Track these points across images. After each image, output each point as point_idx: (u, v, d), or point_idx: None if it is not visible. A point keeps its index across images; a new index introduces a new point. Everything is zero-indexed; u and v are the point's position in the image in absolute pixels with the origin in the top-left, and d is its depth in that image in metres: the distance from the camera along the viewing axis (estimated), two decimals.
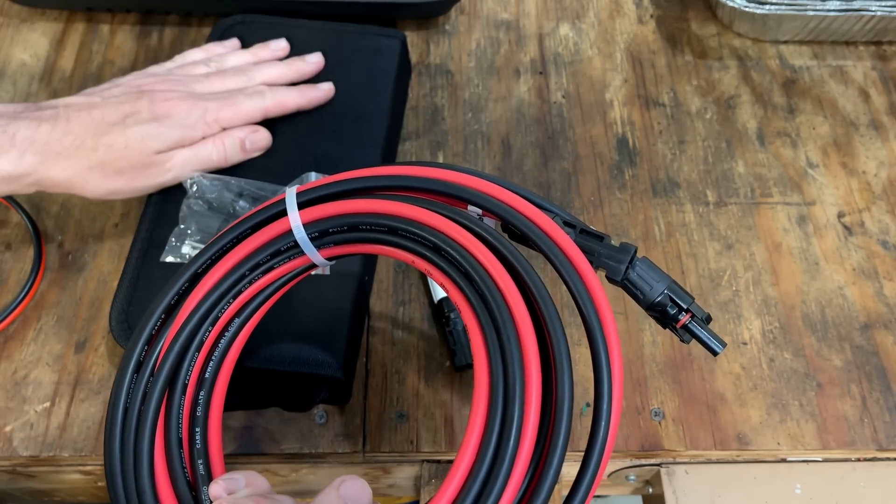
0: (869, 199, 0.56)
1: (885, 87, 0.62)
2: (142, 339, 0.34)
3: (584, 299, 0.31)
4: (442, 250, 0.32)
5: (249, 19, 0.58)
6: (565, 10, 0.66)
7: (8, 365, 0.49)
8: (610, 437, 0.29)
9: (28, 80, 0.61)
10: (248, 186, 0.49)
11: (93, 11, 0.65)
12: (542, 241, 0.32)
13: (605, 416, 0.29)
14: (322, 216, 0.35)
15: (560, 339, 0.30)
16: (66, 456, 0.46)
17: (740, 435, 0.47)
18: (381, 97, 0.54)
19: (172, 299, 0.35)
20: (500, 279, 0.31)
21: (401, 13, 0.63)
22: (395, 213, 0.34)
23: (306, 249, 0.35)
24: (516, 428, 0.28)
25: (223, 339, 0.35)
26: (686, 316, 0.33)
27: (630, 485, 0.52)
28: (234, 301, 0.35)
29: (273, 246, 0.35)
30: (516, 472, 0.28)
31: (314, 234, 0.35)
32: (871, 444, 0.47)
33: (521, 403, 0.28)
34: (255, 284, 0.36)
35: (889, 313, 0.51)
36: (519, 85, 0.62)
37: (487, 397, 0.29)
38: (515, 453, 0.28)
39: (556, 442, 0.28)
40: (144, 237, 0.47)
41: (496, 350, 0.30)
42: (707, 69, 0.63)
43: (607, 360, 0.30)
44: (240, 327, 0.36)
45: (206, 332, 0.34)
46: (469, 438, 0.28)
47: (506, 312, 0.30)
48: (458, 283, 0.32)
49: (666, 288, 0.33)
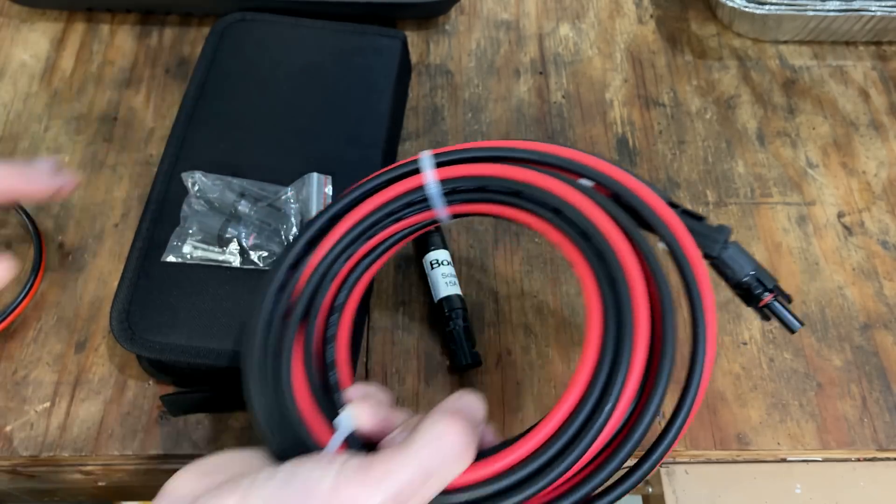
0: (869, 199, 0.56)
1: (885, 87, 0.62)
2: (285, 264, 0.39)
3: (687, 268, 0.34)
4: (561, 212, 0.37)
5: (249, 17, 0.58)
6: (565, 11, 0.66)
7: (8, 365, 0.49)
8: (707, 364, 0.33)
9: (28, 80, 0.61)
10: (249, 186, 0.49)
11: (93, 11, 0.65)
12: (650, 216, 0.36)
13: (702, 341, 0.33)
14: (453, 175, 0.39)
15: (666, 290, 0.34)
16: (66, 456, 0.46)
17: (740, 435, 0.47)
18: (382, 97, 0.54)
19: (314, 234, 0.40)
20: (614, 237, 0.35)
21: (401, 13, 0.63)
22: (519, 178, 0.38)
23: (435, 204, 0.40)
24: (627, 357, 0.32)
25: (353, 273, 0.40)
26: (769, 296, 0.37)
27: None
28: (366, 242, 0.40)
29: (407, 197, 0.40)
30: (629, 387, 0.32)
31: (444, 191, 0.39)
32: (871, 444, 0.47)
33: (630, 340, 0.32)
34: (385, 230, 0.40)
35: (889, 313, 0.52)
36: (519, 85, 0.62)
37: (601, 333, 0.33)
38: (626, 377, 0.32)
39: (660, 375, 0.32)
40: (145, 237, 0.47)
41: (610, 298, 0.34)
42: (707, 69, 0.63)
43: (702, 312, 0.34)
44: (367, 266, 0.40)
45: (340, 265, 0.39)
46: (584, 364, 0.32)
47: (619, 265, 0.34)
48: (575, 241, 0.36)
49: (753, 269, 0.37)
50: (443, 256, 0.50)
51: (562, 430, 0.32)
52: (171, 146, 0.51)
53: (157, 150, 0.57)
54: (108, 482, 0.50)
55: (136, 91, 0.60)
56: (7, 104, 0.60)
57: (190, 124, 0.52)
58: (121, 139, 0.58)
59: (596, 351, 0.33)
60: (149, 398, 0.48)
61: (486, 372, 0.49)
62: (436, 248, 0.51)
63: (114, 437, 0.46)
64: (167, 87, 0.61)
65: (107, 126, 0.59)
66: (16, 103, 0.60)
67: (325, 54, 0.56)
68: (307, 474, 0.29)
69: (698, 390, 0.33)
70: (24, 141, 0.58)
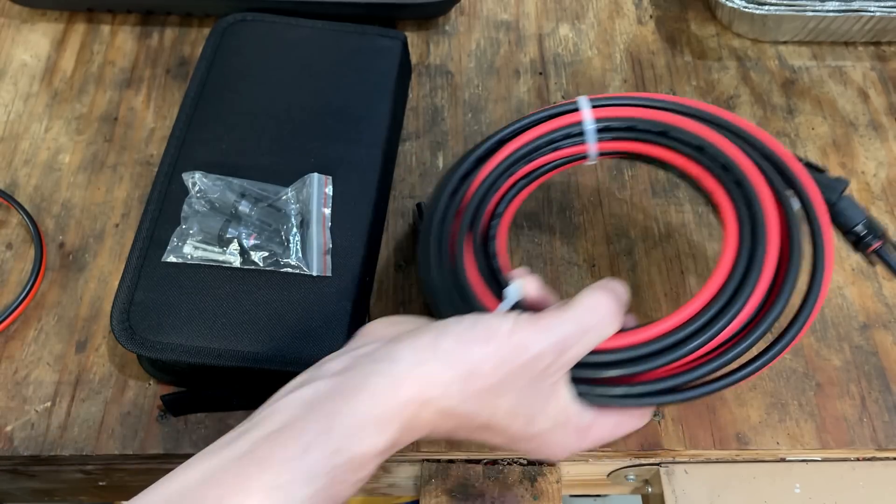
0: (868, 200, 0.56)
1: (884, 87, 0.62)
2: (458, 173, 0.45)
3: (812, 210, 0.40)
4: (704, 149, 0.42)
5: (250, 18, 0.58)
6: (565, 11, 0.67)
7: (9, 365, 0.49)
8: (826, 274, 0.39)
9: (29, 80, 0.61)
10: (250, 186, 0.49)
11: (93, 12, 0.65)
12: (779, 162, 0.42)
13: (820, 255, 0.39)
14: (608, 115, 0.45)
15: (791, 211, 0.40)
16: (66, 455, 0.46)
17: (739, 434, 0.47)
18: (382, 98, 0.54)
19: (482, 153, 0.46)
20: (750, 170, 0.41)
21: (401, 14, 0.63)
22: (667, 120, 0.44)
23: (589, 139, 0.45)
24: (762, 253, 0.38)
25: (512, 189, 0.46)
26: (878, 243, 0.44)
27: (629, 484, 0.52)
28: (526, 165, 0.45)
29: (565, 130, 0.45)
30: (764, 277, 0.38)
31: (598, 129, 0.45)
32: (870, 443, 0.47)
33: (764, 242, 0.38)
34: (542, 158, 0.46)
35: (888, 313, 0.52)
36: (519, 85, 0.62)
37: (737, 239, 0.39)
38: (762, 269, 0.38)
39: (789, 275, 0.38)
40: (146, 237, 0.47)
41: (746, 215, 0.39)
42: (706, 69, 0.63)
43: (821, 230, 0.40)
44: (523, 186, 0.46)
45: (502, 181, 0.45)
46: (724, 260, 0.39)
47: (754, 189, 0.40)
48: (715, 173, 0.42)
49: (865, 217, 0.44)
50: None
51: (704, 310, 0.38)
52: (172, 146, 0.51)
53: (158, 151, 0.57)
54: (108, 482, 0.51)
55: (136, 91, 0.61)
56: (8, 104, 0.60)
57: (190, 124, 0.52)
58: (121, 139, 0.58)
59: (734, 251, 0.39)
60: (149, 398, 0.48)
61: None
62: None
63: (114, 437, 0.46)
64: (168, 87, 0.61)
65: (107, 126, 0.59)
66: (16, 103, 0.60)
67: (325, 55, 0.56)
68: (489, 321, 0.34)
69: (820, 291, 0.39)
70: (24, 141, 0.58)
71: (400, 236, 0.54)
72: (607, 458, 0.48)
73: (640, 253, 0.54)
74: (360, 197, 0.50)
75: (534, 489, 0.47)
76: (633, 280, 0.53)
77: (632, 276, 0.53)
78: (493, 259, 0.43)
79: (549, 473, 0.48)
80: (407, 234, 0.54)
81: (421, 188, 0.56)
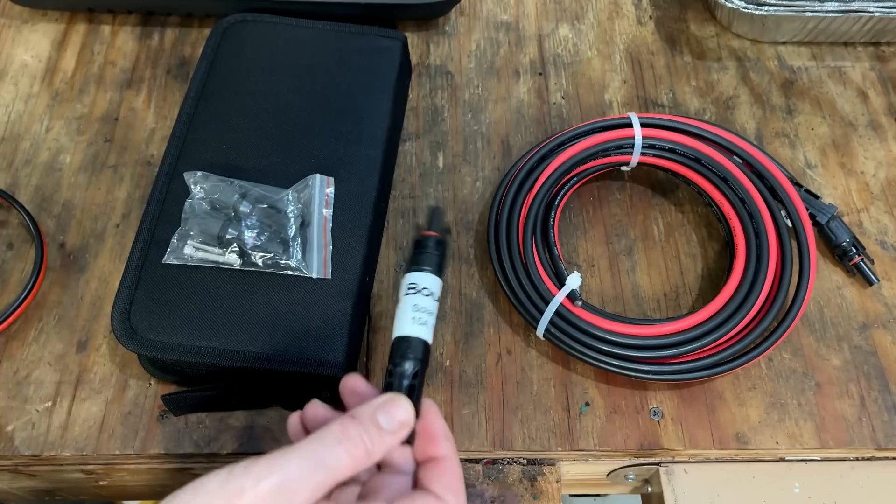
0: (867, 200, 0.56)
1: (883, 87, 0.62)
2: (524, 169, 0.53)
3: (800, 228, 0.51)
4: (728, 180, 0.52)
5: (250, 18, 0.58)
6: (564, 12, 0.67)
7: (10, 364, 0.49)
8: (809, 285, 0.49)
9: (30, 80, 0.61)
10: (250, 187, 0.49)
11: (94, 12, 0.65)
12: (781, 192, 0.52)
13: (806, 271, 0.49)
14: (653, 136, 0.54)
15: (785, 236, 0.50)
16: (67, 455, 0.46)
17: (739, 434, 0.47)
18: (382, 98, 0.55)
19: (546, 153, 0.54)
20: (760, 204, 0.51)
21: (401, 14, 0.63)
22: (701, 149, 0.53)
23: (635, 151, 0.53)
24: (764, 271, 0.49)
25: (567, 184, 0.54)
26: (858, 258, 0.52)
27: (629, 484, 0.52)
28: (581, 165, 0.53)
29: (618, 142, 0.53)
30: (767, 283, 0.48)
31: (644, 144, 0.53)
32: (869, 443, 0.47)
33: (767, 263, 0.49)
34: (596, 161, 0.54)
35: (887, 313, 0.52)
36: (518, 86, 0.62)
37: (745, 258, 0.49)
38: (764, 280, 0.48)
39: (782, 282, 0.49)
40: (146, 237, 0.47)
41: (754, 241, 0.50)
42: (706, 70, 0.63)
43: (807, 248, 0.50)
44: (575, 182, 0.54)
45: (562, 176, 0.53)
46: (735, 272, 0.49)
47: (762, 222, 0.50)
48: (733, 203, 0.51)
49: (850, 238, 0.52)
50: (429, 283, 0.36)
51: (723, 309, 0.48)
52: (172, 147, 0.51)
53: (158, 151, 0.57)
54: (109, 481, 0.51)
55: (137, 91, 0.61)
56: (8, 105, 0.60)
57: (191, 125, 0.52)
58: (122, 140, 0.58)
59: (742, 265, 0.49)
60: (150, 398, 0.48)
61: (486, 371, 0.49)
62: (427, 269, 0.36)
63: (115, 437, 0.46)
64: (168, 87, 0.61)
65: (108, 126, 0.59)
66: (17, 104, 0.60)
67: (325, 55, 0.56)
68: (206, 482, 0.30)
69: (805, 295, 0.48)
70: (25, 141, 0.58)
71: (400, 236, 0.54)
72: (607, 457, 0.48)
73: (639, 253, 0.54)
74: (360, 197, 0.50)
75: (533, 489, 0.47)
76: (633, 280, 0.53)
77: (632, 276, 0.53)
78: (553, 247, 0.50)
79: (548, 473, 0.48)
80: (407, 234, 0.54)
81: (421, 188, 0.56)
